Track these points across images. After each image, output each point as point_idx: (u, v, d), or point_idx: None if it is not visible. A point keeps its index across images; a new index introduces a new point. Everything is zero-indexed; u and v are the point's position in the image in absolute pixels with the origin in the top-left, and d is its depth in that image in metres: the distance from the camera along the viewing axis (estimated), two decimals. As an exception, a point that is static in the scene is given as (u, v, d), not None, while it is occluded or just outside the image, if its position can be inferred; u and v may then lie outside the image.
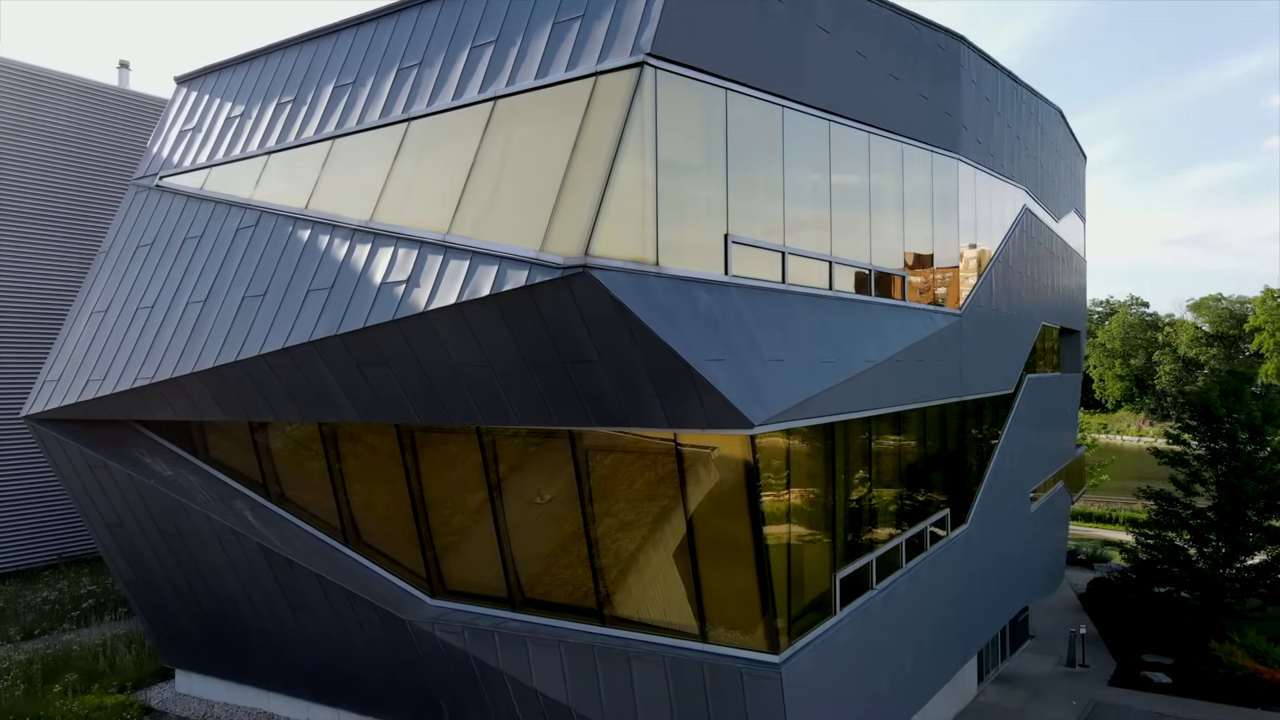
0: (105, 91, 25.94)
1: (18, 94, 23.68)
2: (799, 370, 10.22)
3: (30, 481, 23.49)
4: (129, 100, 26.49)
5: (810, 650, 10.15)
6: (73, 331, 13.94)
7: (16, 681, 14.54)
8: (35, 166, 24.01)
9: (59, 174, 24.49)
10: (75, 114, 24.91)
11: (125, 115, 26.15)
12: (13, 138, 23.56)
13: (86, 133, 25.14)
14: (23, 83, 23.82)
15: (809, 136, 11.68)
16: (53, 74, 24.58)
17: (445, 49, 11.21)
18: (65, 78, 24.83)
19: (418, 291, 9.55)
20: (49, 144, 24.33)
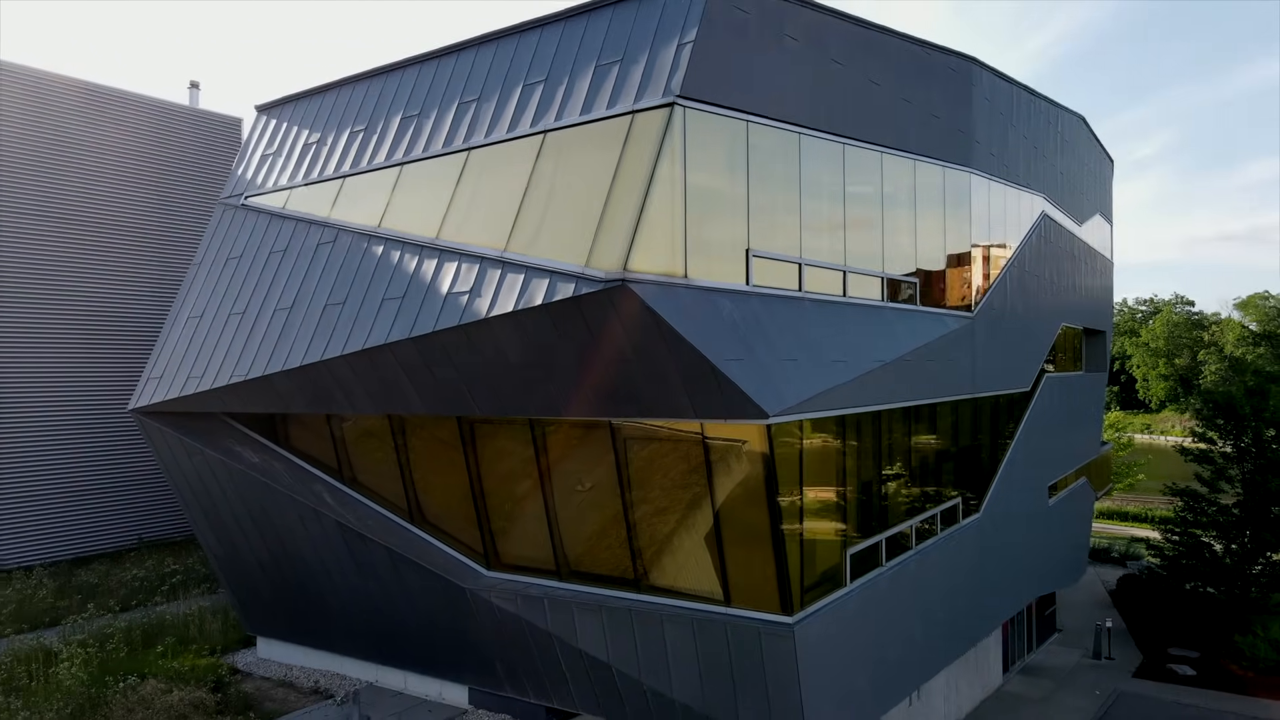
0: (178, 110, 28.01)
1: (103, 115, 25.78)
2: (812, 368, 11.59)
3: (114, 472, 25.58)
4: (199, 118, 28.53)
5: (821, 615, 11.52)
6: (171, 334, 15.74)
7: (120, 645, 16.40)
8: (119, 182, 26.10)
9: (140, 188, 26.57)
10: (152, 131, 26.99)
11: (196, 131, 28.19)
12: (99, 156, 25.67)
13: (162, 149, 27.20)
14: (107, 105, 25.93)
15: (824, 158, 13.03)
16: (132, 95, 26.66)
17: (501, 86, 12.76)
18: (143, 99, 26.91)
19: (479, 301, 11.09)
20: (130, 160, 26.41)
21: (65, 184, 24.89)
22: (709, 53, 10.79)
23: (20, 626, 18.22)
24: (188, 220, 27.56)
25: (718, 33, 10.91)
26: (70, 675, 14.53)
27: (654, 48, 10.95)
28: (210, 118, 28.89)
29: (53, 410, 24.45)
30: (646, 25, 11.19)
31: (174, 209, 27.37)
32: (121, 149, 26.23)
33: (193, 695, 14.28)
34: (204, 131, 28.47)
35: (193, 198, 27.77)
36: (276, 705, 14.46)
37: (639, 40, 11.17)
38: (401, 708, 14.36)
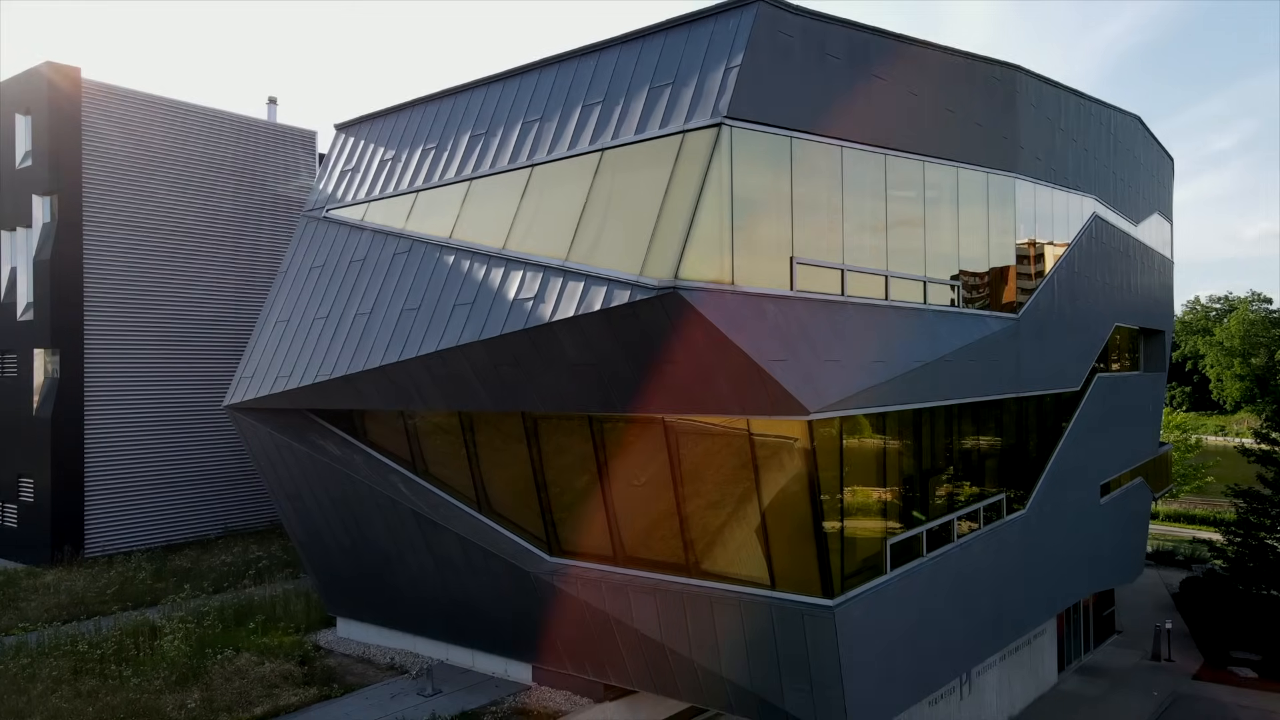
0: (257, 125, 29.75)
1: (190, 131, 27.59)
2: (852, 368, 12.33)
3: (202, 465, 27.37)
4: (277, 132, 30.25)
5: (861, 599, 12.26)
6: (261, 336, 17.12)
7: (215, 622, 17.86)
8: (206, 193, 27.89)
9: (224, 199, 28.34)
10: (234, 145, 28.75)
11: (274, 145, 29.91)
12: (188, 169, 27.48)
13: (243, 161, 28.95)
14: (193, 121, 27.73)
15: (866, 168, 13.74)
16: (215, 111, 28.45)
17: (562, 106, 13.76)
18: (225, 114, 28.68)
19: (543, 306, 12.10)
20: (215, 173, 28.18)
21: (159, 196, 26.73)
22: (755, 75, 11.62)
23: (124, 605, 19.87)
24: (268, 228, 29.27)
25: (763, 55, 11.74)
26: (173, 647, 15.98)
27: (703, 71, 11.82)
28: (287, 131, 30.59)
29: (149, 409, 26.30)
30: (696, 50, 12.06)
31: (255, 218, 29.10)
32: (207, 162, 28.01)
33: (282, 667, 15.60)
34: (281, 145, 30.18)
35: (272, 207, 29.48)
36: (357, 679, 15.69)
37: (689, 64, 12.05)
38: (470, 683, 15.46)
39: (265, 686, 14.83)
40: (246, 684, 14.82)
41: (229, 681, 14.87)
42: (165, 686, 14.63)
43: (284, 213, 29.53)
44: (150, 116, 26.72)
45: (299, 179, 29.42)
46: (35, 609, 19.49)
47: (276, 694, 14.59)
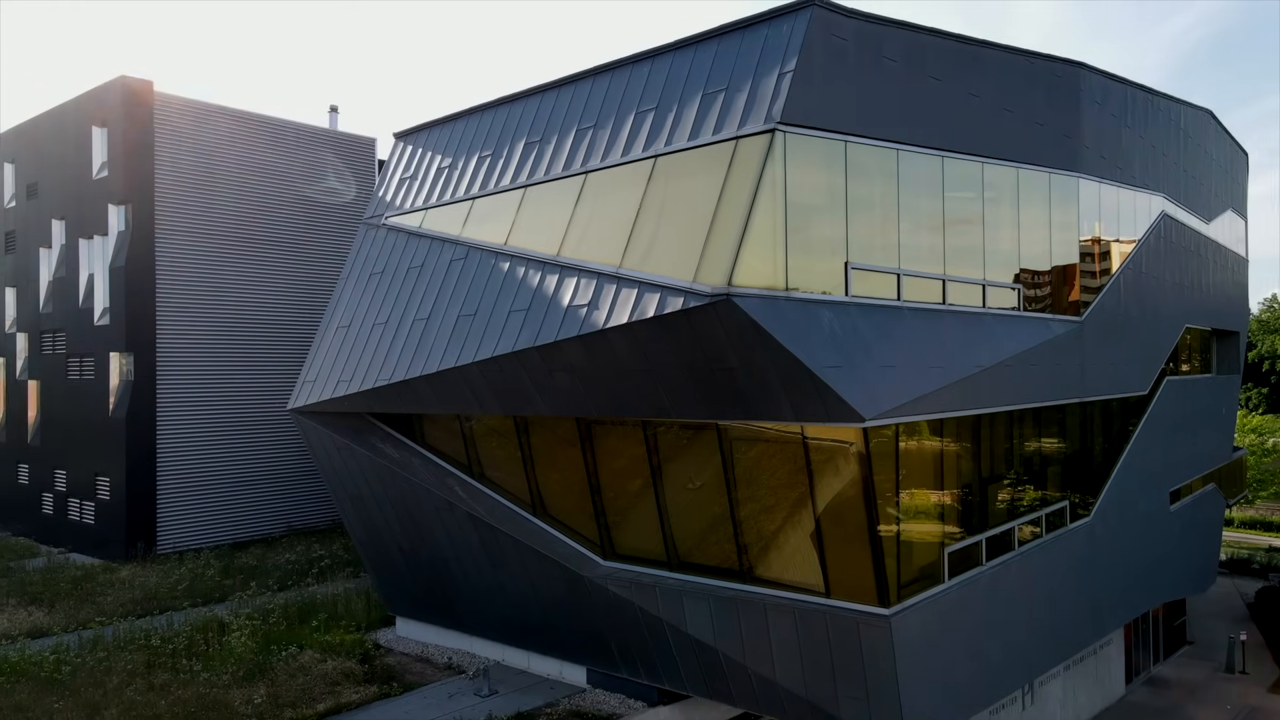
0: (319, 133, 30.46)
1: (255, 140, 28.39)
2: (909, 374, 12.17)
3: (267, 465, 28.15)
4: (338, 139, 30.93)
5: (918, 609, 12.09)
6: (323, 342, 17.55)
7: (280, 619, 18.37)
8: (271, 200, 28.68)
9: (288, 205, 29.09)
10: (297, 153, 29.49)
11: (335, 152, 30.58)
12: (253, 177, 28.28)
13: (306, 169, 29.68)
14: (259, 131, 28.53)
15: (923, 171, 13.55)
16: (279, 121, 29.22)
17: (615, 113, 13.84)
18: (289, 123, 29.44)
19: (596, 313, 12.18)
20: (280, 180, 28.96)
21: (225, 203, 27.57)
22: (809, 80, 11.54)
23: (194, 601, 20.55)
24: (329, 234, 29.96)
25: (817, 60, 11.66)
26: (241, 644, 16.48)
27: (756, 77, 11.79)
28: (347, 139, 31.27)
29: (216, 410, 27.14)
30: (749, 56, 12.03)
31: (317, 224, 29.81)
32: (271, 170, 28.79)
33: (344, 665, 15.98)
34: (342, 152, 30.86)
35: (333, 213, 30.16)
36: (416, 677, 15.98)
37: (742, 70, 12.02)
38: (526, 684, 15.64)
39: (327, 683, 15.20)
40: (310, 681, 15.20)
41: (293, 678, 15.28)
42: (233, 681, 15.09)
43: (346, 219, 30.19)
44: (217, 126, 27.56)
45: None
46: (111, 604, 20.26)
47: (338, 691, 14.94)
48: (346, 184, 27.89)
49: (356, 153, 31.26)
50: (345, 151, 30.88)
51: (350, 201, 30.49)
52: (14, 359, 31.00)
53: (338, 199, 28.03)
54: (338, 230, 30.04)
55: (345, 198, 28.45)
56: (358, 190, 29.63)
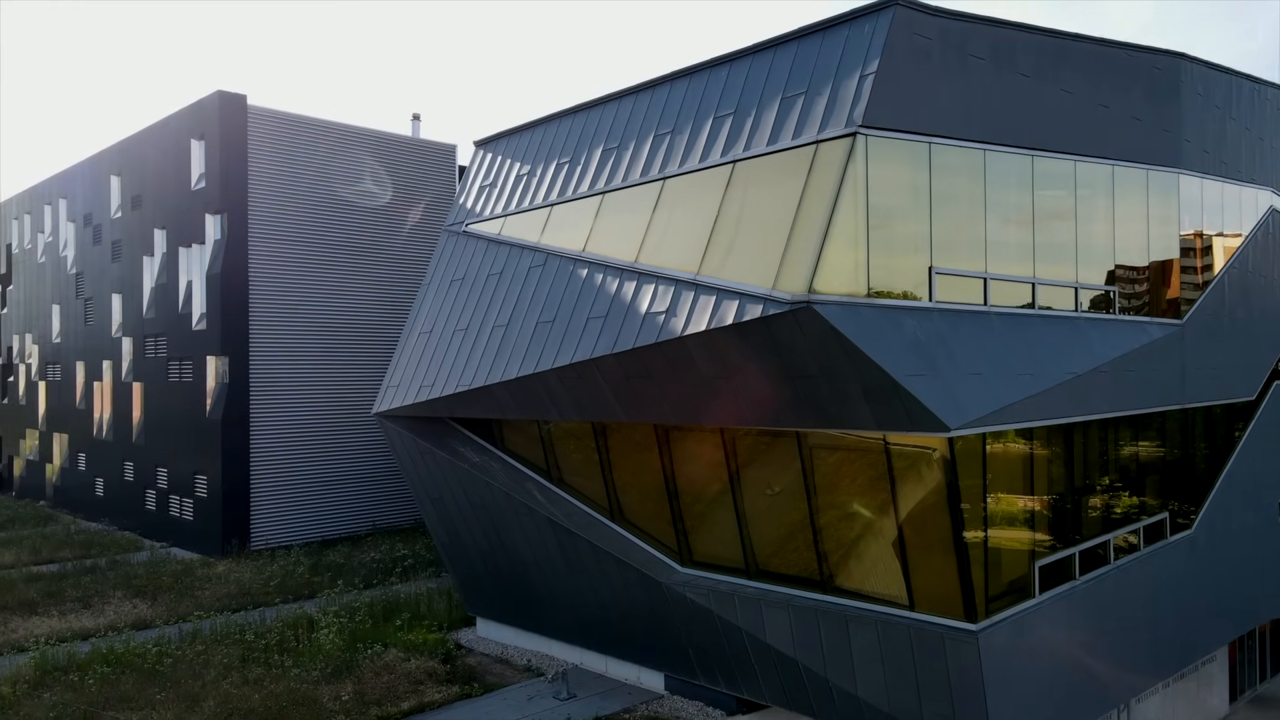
0: (402, 141, 31.19)
1: (341, 149, 29.24)
2: (996, 382, 11.79)
3: (353, 465, 28.97)
4: (420, 147, 31.63)
5: (1007, 624, 11.70)
6: (406, 347, 17.95)
7: (366, 617, 18.88)
8: (357, 207, 29.49)
9: (373, 212, 29.87)
10: (381, 161, 30.25)
11: (417, 159, 31.28)
12: (340, 185, 29.14)
13: (390, 176, 30.42)
14: (344, 140, 29.38)
15: (1012, 171, 13.11)
16: (364, 130, 30.02)
17: (693, 119, 13.78)
18: (373, 132, 30.22)
19: (675, 320, 12.15)
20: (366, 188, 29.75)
21: (314, 211, 28.47)
22: (891, 81, 11.28)
23: (285, 597, 21.28)
24: (413, 240, 30.66)
25: (900, 61, 11.39)
26: (329, 641, 16.98)
27: (837, 79, 11.58)
28: (429, 146, 31.94)
29: (305, 412, 28.07)
30: (830, 58, 11.83)
31: (401, 230, 30.54)
32: (357, 178, 29.60)
33: (426, 665, 16.32)
34: (424, 159, 31.54)
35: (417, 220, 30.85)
36: (496, 679, 16.22)
37: (823, 72, 11.83)
38: (604, 689, 15.71)
39: (411, 682, 15.54)
40: (394, 679, 15.57)
41: (378, 676, 15.68)
42: (321, 678, 15.56)
43: (429, 223, 30.84)
44: (306, 137, 28.49)
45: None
46: (209, 598, 21.13)
47: (421, 690, 15.27)
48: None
49: (437, 160, 31.91)
50: (426, 159, 31.56)
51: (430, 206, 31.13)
52: (120, 362, 32.62)
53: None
54: (418, 234, 30.70)
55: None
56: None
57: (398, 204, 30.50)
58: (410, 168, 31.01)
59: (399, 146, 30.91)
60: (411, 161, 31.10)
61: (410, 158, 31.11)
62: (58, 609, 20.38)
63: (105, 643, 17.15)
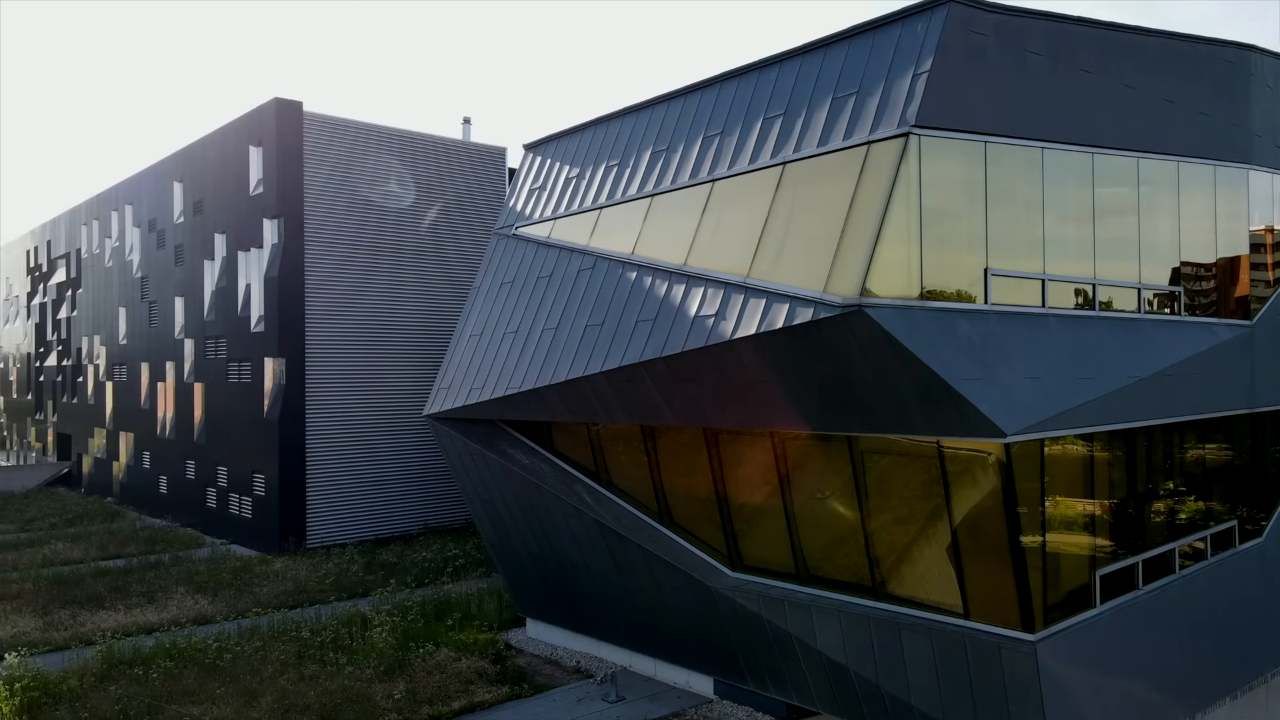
0: (453, 144, 31.54)
1: (394, 153, 29.67)
2: (1055, 386, 11.49)
3: (405, 465, 29.39)
4: (471, 150, 31.94)
5: (1067, 635, 11.39)
6: (457, 350, 18.14)
7: (417, 616, 19.13)
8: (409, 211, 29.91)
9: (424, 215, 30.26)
10: (433, 165, 30.64)
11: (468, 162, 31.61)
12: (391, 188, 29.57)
13: (441, 179, 30.80)
14: (397, 144, 29.81)
15: (1071, 169, 12.78)
16: (416, 134, 30.42)
17: (742, 120, 13.68)
18: (425, 136, 30.61)
19: (724, 323, 12.07)
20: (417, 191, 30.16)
21: (367, 215, 28.94)
22: (946, 80, 11.07)
23: (340, 595, 21.66)
24: (462, 243, 30.99)
25: (955, 59, 11.17)
26: (382, 639, 17.24)
27: (889, 79, 11.39)
28: (479, 149, 32.25)
29: (359, 413, 28.54)
30: (882, 57, 11.65)
31: (451, 233, 30.90)
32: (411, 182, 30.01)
33: (477, 665, 16.46)
34: (475, 162, 31.86)
35: (466, 222, 31.19)
36: (545, 680, 16.30)
37: (874, 72, 11.65)
38: (653, 692, 15.68)
39: (462, 682, 15.70)
40: (445, 678, 15.74)
41: (430, 675, 15.86)
42: (375, 675, 15.80)
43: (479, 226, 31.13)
44: (359, 141, 28.97)
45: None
46: (266, 594, 21.61)
47: (472, 690, 15.41)
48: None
49: (487, 163, 32.20)
50: (476, 161, 31.87)
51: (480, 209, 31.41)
52: (182, 363, 33.54)
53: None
54: (469, 238, 31.01)
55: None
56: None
57: (449, 206, 30.85)
58: (461, 171, 31.34)
59: (450, 150, 31.26)
60: (462, 165, 31.44)
61: (461, 161, 31.45)
62: (123, 603, 21.01)
63: (168, 637, 17.63)
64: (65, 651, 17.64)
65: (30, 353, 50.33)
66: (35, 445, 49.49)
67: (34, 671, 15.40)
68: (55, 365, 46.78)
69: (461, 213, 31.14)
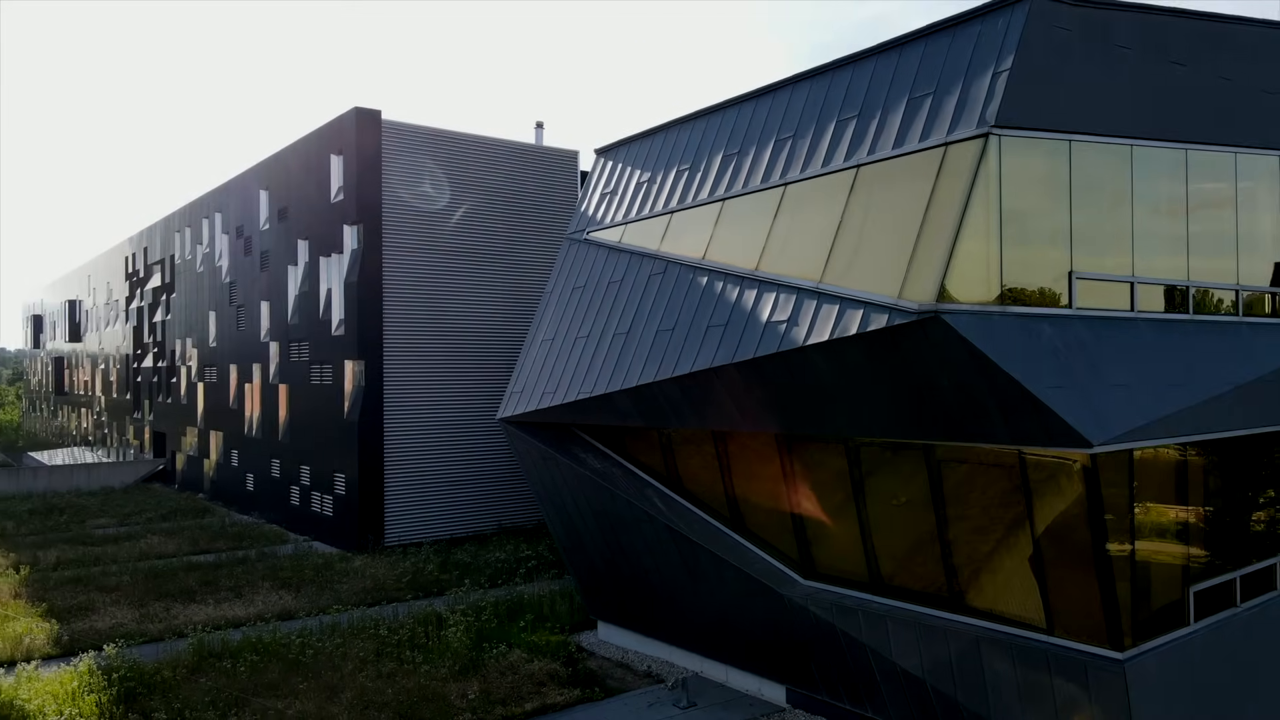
0: (526, 149, 31.92)
1: (469, 158, 30.18)
2: (1145, 394, 11.01)
3: (480, 466, 29.86)
4: (543, 154, 32.28)
5: (1157, 654, 10.91)
6: (529, 354, 18.35)
7: (491, 617, 19.41)
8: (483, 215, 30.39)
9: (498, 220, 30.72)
10: (507, 169, 31.06)
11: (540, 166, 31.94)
12: (467, 193, 30.08)
13: (514, 184, 31.20)
14: (472, 150, 30.31)
15: (1162, 167, 12.24)
16: (490, 139, 30.88)
17: (815, 122, 13.49)
18: (499, 141, 31.04)
19: (796, 329, 11.92)
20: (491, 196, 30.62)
21: (442, 220, 29.51)
22: (1027, 77, 10.72)
23: (416, 594, 22.13)
24: (535, 247, 31.35)
25: (1037, 55, 10.81)
26: (456, 639, 17.54)
27: (968, 77, 11.09)
28: (552, 153, 32.56)
29: (434, 414, 29.12)
30: (960, 55, 11.35)
31: (524, 237, 31.28)
32: (482, 187, 30.50)
33: (549, 666, 16.61)
34: (547, 166, 32.19)
35: (538, 226, 31.54)
36: (616, 683, 16.35)
37: (952, 71, 11.36)
38: (724, 699, 15.59)
39: (534, 683, 15.86)
40: (518, 680, 15.93)
41: (503, 676, 16.07)
42: (449, 675, 16.08)
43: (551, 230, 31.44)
44: (435, 147, 29.55)
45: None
46: (347, 591, 22.21)
47: (544, 692, 15.55)
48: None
49: (559, 166, 32.49)
50: (549, 165, 32.19)
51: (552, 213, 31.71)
52: (268, 365, 34.73)
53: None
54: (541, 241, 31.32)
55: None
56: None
57: (525, 212, 31.22)
58: (534, 175, 31.70)
59: (522, 154, 31.64)
60: (535, 169, 31.79)
61: (534, 165, 31.80)
62: (213, 597, 21.86)
63: (254, 632, 18.26)
64: (159, 643, 18.42)
65: (129, 354, 52.78)
66: (133, 442, 51.90)
67: (130, 662, 16.12)
68: (151, 366, 48.96)
69: (534, 217, 31.49)
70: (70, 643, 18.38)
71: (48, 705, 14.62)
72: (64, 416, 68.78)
